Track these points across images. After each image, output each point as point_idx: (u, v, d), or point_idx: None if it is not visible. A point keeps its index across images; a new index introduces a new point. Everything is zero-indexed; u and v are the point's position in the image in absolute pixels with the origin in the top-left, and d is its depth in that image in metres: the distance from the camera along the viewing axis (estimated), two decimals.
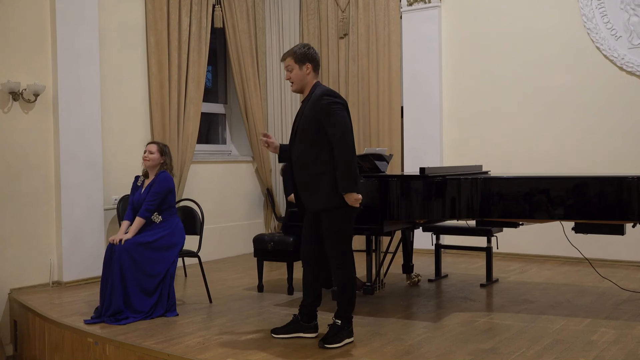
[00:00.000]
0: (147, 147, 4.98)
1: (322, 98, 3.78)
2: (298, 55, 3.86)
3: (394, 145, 7.61)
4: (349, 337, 3.90)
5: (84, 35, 6.03)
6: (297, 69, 3.86)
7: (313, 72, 3.90)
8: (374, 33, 7.75)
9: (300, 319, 4.10)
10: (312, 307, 4.08)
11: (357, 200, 3.74)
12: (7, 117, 5.64)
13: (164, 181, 4.87)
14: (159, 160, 4.93)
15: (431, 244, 6.03)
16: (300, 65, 3.86)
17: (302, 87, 3.92)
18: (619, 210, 4.30)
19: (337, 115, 3.73)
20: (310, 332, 4.06)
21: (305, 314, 4.09)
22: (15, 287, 5.64)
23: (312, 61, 3.87)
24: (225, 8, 7.43)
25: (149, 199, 4.80)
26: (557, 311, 4.68)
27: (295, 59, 3.86)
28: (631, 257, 6.43)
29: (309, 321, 4.08)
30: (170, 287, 4.76)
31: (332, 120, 3.73)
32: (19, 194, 5.67)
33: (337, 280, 3.96)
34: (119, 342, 4.11)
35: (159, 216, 4.84)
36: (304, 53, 3.86)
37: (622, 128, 6.56)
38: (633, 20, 6.52)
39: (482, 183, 4.58)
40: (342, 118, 3.74)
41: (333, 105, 3.75)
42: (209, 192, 7.19)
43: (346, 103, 3.86)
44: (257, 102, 7.76)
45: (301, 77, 3.88)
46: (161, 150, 4.96)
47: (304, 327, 4.07)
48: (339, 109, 3.75)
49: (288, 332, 4.08)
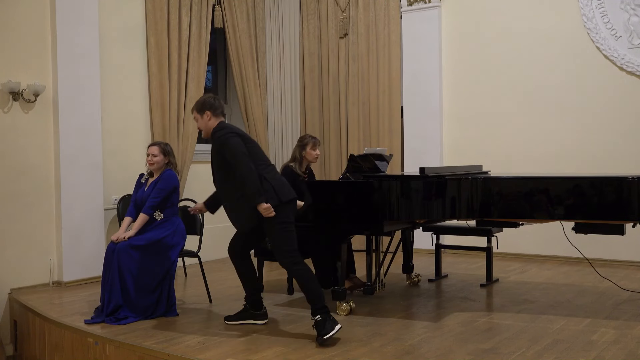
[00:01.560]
0: (149, 150, 4.94)
1: (215, 134, 4.22)
2: (198, 106, 4.31)
3: (394, 145, 7.61)
4: (335, 324, 4.00)
5: (84, 35, 6.03)
6: (200, 118, 4.29)
7: (213, 117, 4.28)
8: (374, 33, 7.75)
9: (249, 308, 4.46)
10: (255, 297, 4.46)
11: (266, 209, 4.04)
12: (7, 117, 5.64)
13: (169, 179, 4.85)
14: (164, 161, 4.92)
15: (431, 244, 6.03)
16: (202, 115, 4.28)
17: (207, 132, 4.33)
18: (619, 210, 4.30)
19: (228, 143, 4.12)
20: (260, 319, 4.45)
21: (251, 302, 4.46)
22: (15, 287, 5.64)
23: (210, 108, 4.27)
24: (225, 8, 7.44)
25: (153, 195, 4.78)
26: (557, 311, 4.68)
27: (197, 110, 4.31)
28: (631, 257, 6.43)
29: (258, 309, 4.46)
30: (170, 287, 4.75)
31: (226, 148, 4.14)
32: (19, 194, 5.68)
33: (296, 279, 4.22)
34: (119, 342, 4.11)
35: (161, 214, 4.82)
36: (202, 103, 4.30)
37: (622, 128, 6.56)
38: (633, 20, 6.52)
39: (482, 183, 4.58)
40: (233, 144, 4.11)
41: (223, 136, 4.16)
42: (209, 192, 7.11)
43: (238, 131, 4.25)
44: (257, 102, 7.76)
45: (204, 124, 4.29)
46: (164, 150, 4.93)
47: (254, 314, 4.46)
48: (229, 137, 4.15)
49: (240, 319, 4.46)
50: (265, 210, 4.04)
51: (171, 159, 4.95)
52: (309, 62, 8.14)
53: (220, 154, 4.18)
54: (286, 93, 8.06)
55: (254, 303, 4.46)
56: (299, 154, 5.29)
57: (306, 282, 4.12)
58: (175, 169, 4.99)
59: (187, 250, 5.18)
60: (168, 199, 4.85)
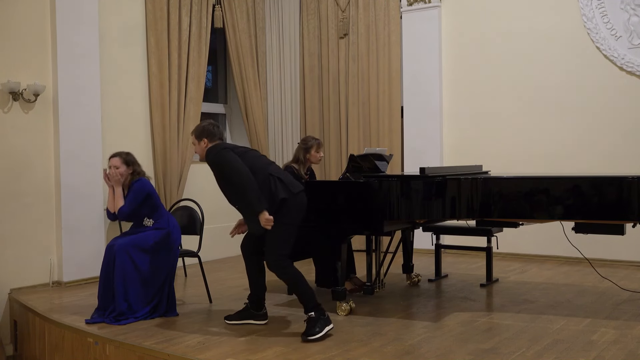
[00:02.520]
0: (110, 162, 4.73)
1: (207, 157, 4.27)
2: (197, 132, 4.39)
3: (394, 145, 7.61)
4: (327, 324, 4.07)
5: (84, 35, 6.03)
6: (197, 143, 4.38)
7: (210, 144, 4.35)
8: (374, 33, 7.75)
9: (250, 307, 4.47)
10: (259, 296, 4.46)
11: (267, 221, 4.08)
12: (7, 117, 5.64)
13: (139, 190, 4.69)
14: (128, 172, 4.74)
15: (431, 244, 6.03)
16: (199, 141, 4.36)
17: (203, 157, 4.40)
18: (619, 210, 4.29)
19: (220, 157, 4.20)
20: (261, 319, 4.46)
21: (254, 302, 4.46)
22: (15, 287, 5.64)
23: (207, 136, 4.35)
24: (225, 8, 7.44)
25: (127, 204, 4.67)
26: (557, 311, 4.68)
27: (196, 136, 4.39)
28: (631, 257, 6.43)
29: (259, 309, 4.47)
30: (170, 287, 4.75)
31: (220, 164, 4.20)
32: (19, 194, 5.68)
33: (285, 281, 4.36)
34: (119, 342, 4.11)
35: (149, 220, 4.77)
36: (200, 130, 4.38)
37: (622, 128, 6.55)
38: (633, 20, 6.52)
39: (482, 183, 4.57)
40: (227, 160, 4.17)
41: (215, 155, 4.22)
42: (209, 192, 7.11)
43: (229, 146, 4.32)
44: (257, 102, 7.76)
45: (200, 150, 4.38)
46: (125, 160, 4.73)
47: (255, 314, 4.47)
48: (220, 153, 4.21)
49: (240, 319, 4.47)
50: (267, 221, 4.07)
51: (136, 168, 4.77)
52: (309, 62, 8.14)
53: (219, 172, 4.22)
54: (286, 93, 8.06)
55: (256, 303, 4.47)
56: (303, 156, 5.28)
57: (296, 284, 4.19)
58: (145, 175, 4.81)
59: (187, 250, 5.18)
60: (144, 205, 4.72)
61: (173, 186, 6.75)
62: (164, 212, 4.86)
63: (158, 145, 6.66)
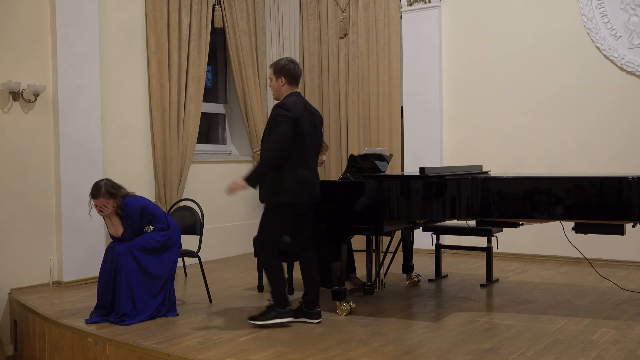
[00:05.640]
0: (96, 203, 4.59)
1: (275, 109, 4.21)
2: (277, 68, 4.28)
3: (394, 145, 7.61)
4: (279, 317, 4.16)
5: (84, 35, 6.03)
6: (274, 80, 4.28)
7: (287, 84, 4.28)
8: (374, 33, 7.75)
9: (303, 306, 4.43)
10: (312, 294, 4.41)
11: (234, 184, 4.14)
12: (7, 117, 5.64)
13: (132, 212, 4.66)
14: (113, 205, 4.64)
15: (431, 244, 6.03)
16: (277, 78, 4.27)
17: (279, 96, 4.33)
18: (619, 210, 4.29)
19: (279, 126, 4.15)
20: (315, 317, 4.39)
21: (306, 300, 4.42)
22: (15, 287, 5.64)
23: (286, 75, 4.26)
24: (225, 8, 7.44)
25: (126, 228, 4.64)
26: (557, 311, 4.68)
27: (274, 71, 4.29)
28: (631, 257, 6.43)
29: (312, 308, 4.39)
30: (170, 287, 4.75)
31: (274, 129, 4.18)
32: (19, 193, 5.68)
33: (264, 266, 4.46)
34: (119, 342, 4.11)
35: (150, 227, 4.75)
36: (281, 67, 4.27)
37: (622, 128, 6.56)
38: (633, 20, 6.52)
39: (482, 183, 4.57)
40: (281, 130, 4.13)
41: (279, 117, 4.17)
42: (209, 192, 7.18)
43: (297, 115, 4.20)
44: (257, 102, 7.76)
45: (276, 88, 4.30)
46: (108, 193, 4.59)
47: (307, 313, 4.40)
48: (282, 121, 4.15)
49: (296, 317, 4.38)
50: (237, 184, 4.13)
51: (119, 193, 4.65)
52: (309, 62, 8.14)
53: (272, 124, 4.20)
54: None
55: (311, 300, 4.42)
56: None
57: (271, 273, 4.31)
58: (129, 193, 4.74)
59: (187, 250, 5.18)
60: (143, 216, 4.70)
61: (173, 186, 6.75)
62: (162, 215, 4.85)
63: (158, 145, 6.66)
